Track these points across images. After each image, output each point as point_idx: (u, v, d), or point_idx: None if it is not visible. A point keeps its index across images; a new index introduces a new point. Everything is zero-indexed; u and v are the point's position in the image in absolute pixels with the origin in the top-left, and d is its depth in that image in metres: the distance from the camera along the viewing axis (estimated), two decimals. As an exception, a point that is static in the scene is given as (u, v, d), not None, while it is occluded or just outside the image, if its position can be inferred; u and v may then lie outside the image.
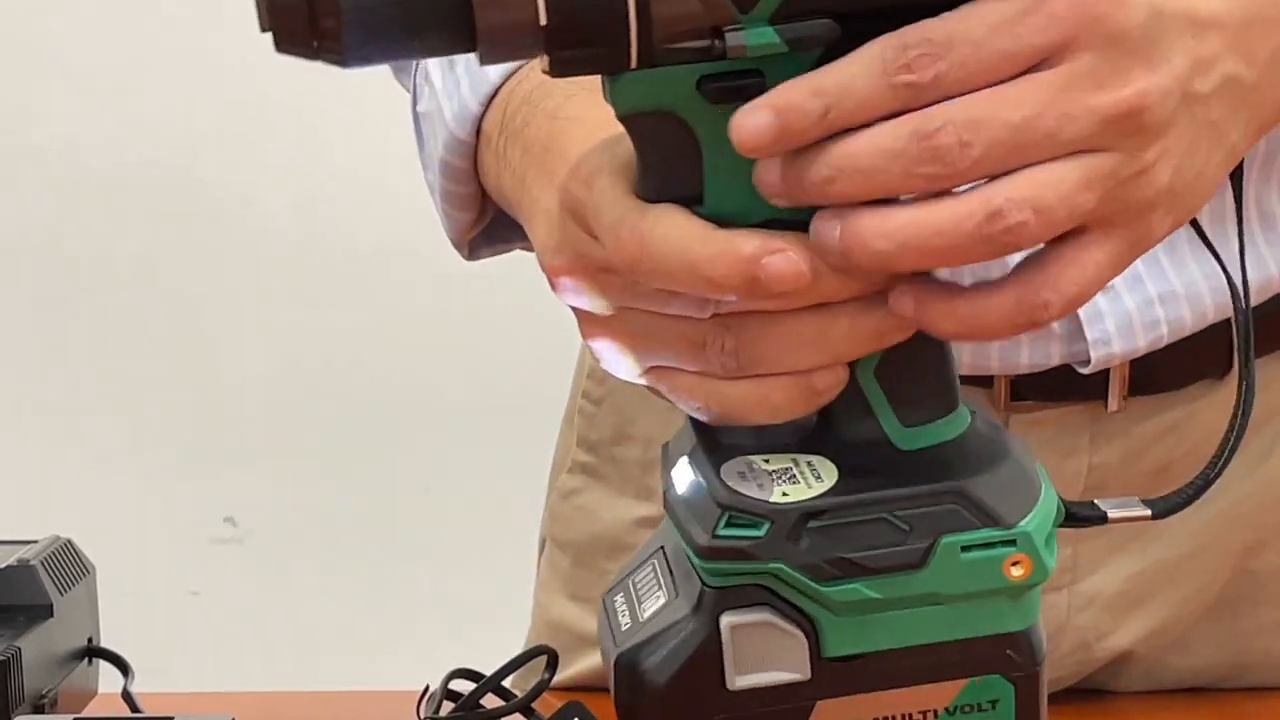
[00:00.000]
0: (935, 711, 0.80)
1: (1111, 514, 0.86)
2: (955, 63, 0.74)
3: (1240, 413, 0.87)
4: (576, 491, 1.31)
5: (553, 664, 1.14)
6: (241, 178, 2.62)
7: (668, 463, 0.84)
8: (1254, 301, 1.16)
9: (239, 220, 2.63)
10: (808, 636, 0.78)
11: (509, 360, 2.35)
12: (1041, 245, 0.78)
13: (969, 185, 0.76)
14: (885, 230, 0.75)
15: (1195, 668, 1.24)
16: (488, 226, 1.11)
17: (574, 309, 0.83)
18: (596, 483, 1.29)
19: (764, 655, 0.78)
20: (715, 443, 0.82)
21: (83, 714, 0.91)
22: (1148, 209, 0.78)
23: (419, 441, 2.62)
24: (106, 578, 1.17)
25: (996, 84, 0.75)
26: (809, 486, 0.79)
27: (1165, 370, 1.17)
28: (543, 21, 0.74)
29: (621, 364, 0.83)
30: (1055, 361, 1.14)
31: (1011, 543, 0.78)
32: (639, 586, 0.84)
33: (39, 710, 1.04)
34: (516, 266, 1.77)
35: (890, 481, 0.79)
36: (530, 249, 1.12)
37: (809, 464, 0.80)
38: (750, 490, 0.79)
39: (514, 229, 1.10)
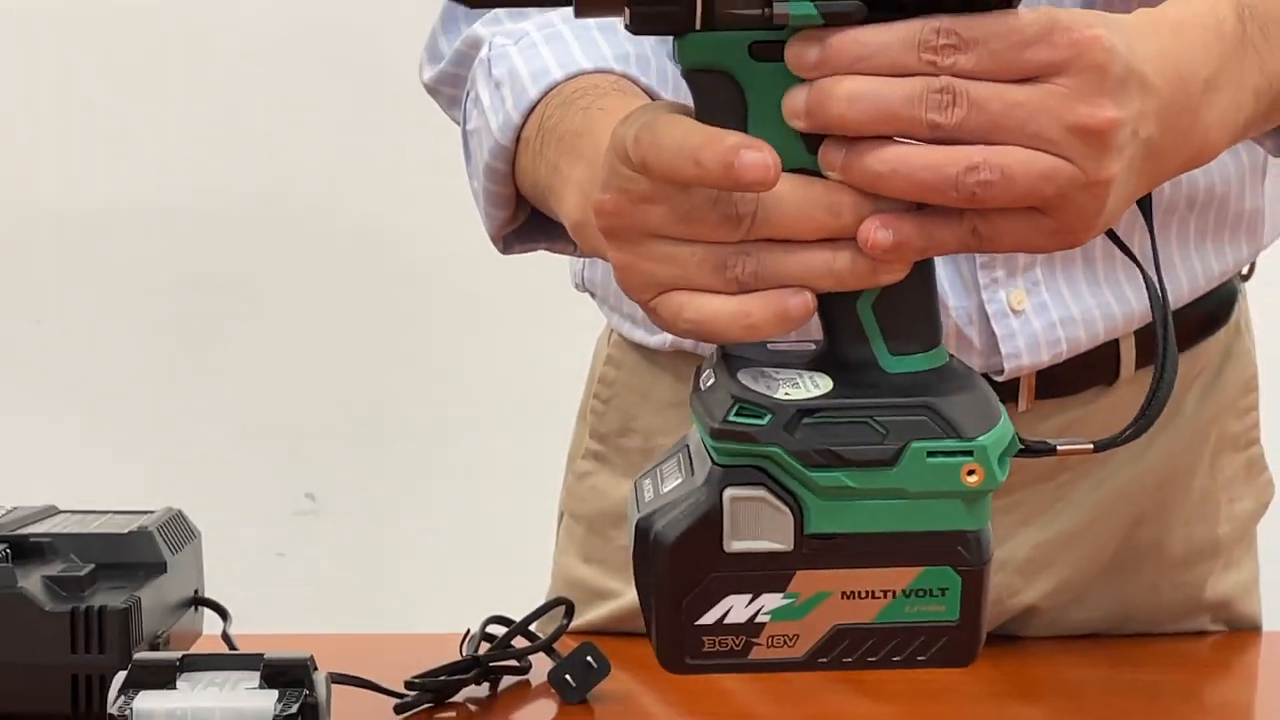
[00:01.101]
0: (894, 592, 0.78)
1: (1060, 448, 0.84)
2: (972, 58, 0.74)
3: (1161, 372, 0.84)
4: (589, 474, 1.31)
5: (569, 613, 1.15)
6: (319, 203, 2.62)
7: (698, 375, 0.82)
8: (1142, 324, 1.17)
9: (319, 237, 2.63)
10: (794, 514, 0.77)
11: (535, 369, 2.35)
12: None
13: None
14: (883, 156, 0.75)
15: (1089, 619, 1.24)
16: (520, 228, 1.10)
17: (610, 240, 0.80)
18: (605, 467, 1.29)
19: (756, 525, 0.77)
20: (737, 358, 0.80)
21: (189, 651, 0.91)
22: (1091, 217, 0.78)
23: (462, 436, 2.62)
24: (210, 541, 1.17)
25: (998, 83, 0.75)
26: (807, 391, 0.77)
27: (1065, 379, 1.17)
28: None
29: (645, 288, 0.79)
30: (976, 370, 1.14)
31: (969, 453, 0.77)
32: (663, 472, 0.81)
33: (154, 648, 1.03)
34: (547, 301, 1.77)
35: (874, 394, 0.77)
36: (553, 249, 1.11)
37: (810, 377, 0.78)
38: (759, 388, 0.77)
39: (540, 232, 1.09)
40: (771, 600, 0.77)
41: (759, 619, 0.78)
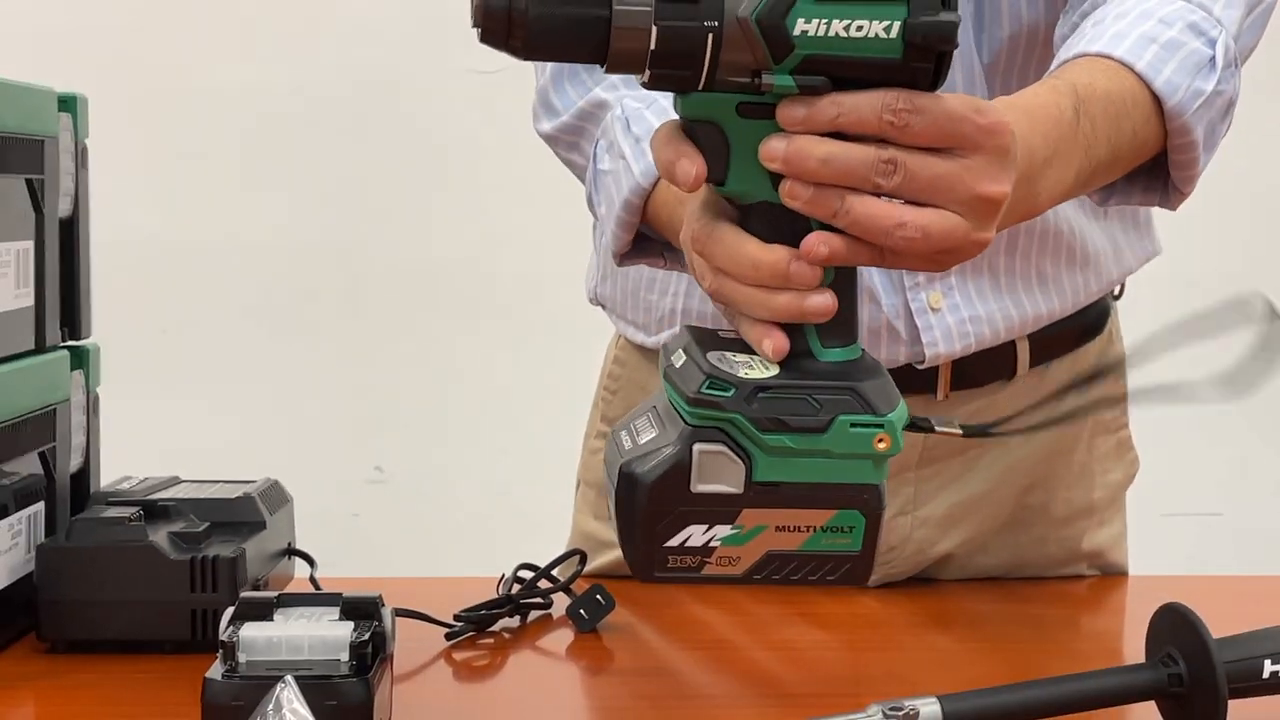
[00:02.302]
0: (815, 527, 0.80)
1: (938, 429, 0.86)
2: (919, 122, 0.77)
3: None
4: (600, 449, 1.29)
5: (583, 560, 1.14)
6: (387, 237, 2.61)
7: (667, 353, 0.84)
8: (1034, 328, 1.17)
9: (389, 264, 2.61)
10: (745, 465, 0.78)
11: (559, 366, 2.34)
12: None
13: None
14: (842, 200, 0.77)
15: (992, 564, 1.23)
16: (631, 251, 1.11)
17: (694, 260, 0.84)
18: (612, 445, 1.29)
19: (716, 473, 0.79)
20: (705, 343, 0.82)
21: (284, 591, 0.91)
22: (967, 257, 0.81)
23: (501, 420, 2.61)
24: (299, 504, 1.17)
25: (932, 149, 0.78)
26: (762, 372, 0.79)
27: (973, 373, 1.16)
28: (652, 47, 0.75)
29: (707, 280, 0.82)
30: (902, 360, 1.13)
31: (881, 425, 0.79)
32: (637, 427, 0.83)
33: (256, 588, 1.04)
34: (568, 313, 1.76)
35: (811, 377, 0.79)
36: (651, 265, 1.12)
37: (761, 362, 0.80)
38: (725, 368, 0.79)
39: (650, 252, 1.10)
40: (722, 530, 0.79)
41: (711, 544, 0.79)
